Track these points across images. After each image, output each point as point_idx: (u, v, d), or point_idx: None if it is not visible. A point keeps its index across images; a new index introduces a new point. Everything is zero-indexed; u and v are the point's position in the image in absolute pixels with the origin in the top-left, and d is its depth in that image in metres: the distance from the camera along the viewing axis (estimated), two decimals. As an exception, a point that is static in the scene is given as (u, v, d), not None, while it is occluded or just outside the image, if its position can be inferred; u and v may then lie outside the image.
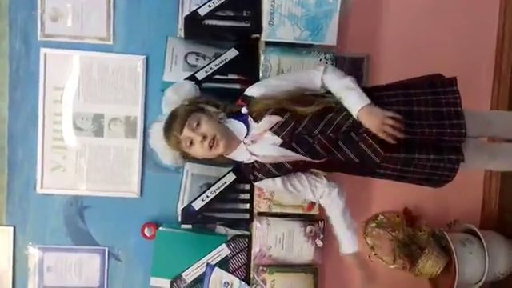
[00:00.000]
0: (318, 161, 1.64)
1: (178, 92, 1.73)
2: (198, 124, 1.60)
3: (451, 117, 1.64)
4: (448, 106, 1.65)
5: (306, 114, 1.62)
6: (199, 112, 1.65)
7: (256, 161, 1.67)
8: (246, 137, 1.66)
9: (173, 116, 1.65)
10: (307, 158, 1.63)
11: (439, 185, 1.74)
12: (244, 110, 1.69)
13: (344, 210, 1.73)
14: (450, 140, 1.65)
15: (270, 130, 1.62)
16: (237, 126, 1.67)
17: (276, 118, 1.63)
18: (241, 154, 1.69)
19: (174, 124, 1.63)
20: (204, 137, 1.59)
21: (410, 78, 1.76)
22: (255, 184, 1.74)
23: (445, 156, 1.64)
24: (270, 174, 1.68)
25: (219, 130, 1.62)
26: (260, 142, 1.65)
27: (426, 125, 1.63)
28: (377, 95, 1.68)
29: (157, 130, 1.72)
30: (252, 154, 1.66)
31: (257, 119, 1.65)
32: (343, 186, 1.76)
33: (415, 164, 1.65)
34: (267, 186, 1.78)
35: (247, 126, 1.66)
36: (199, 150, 1.62)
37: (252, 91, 1.72)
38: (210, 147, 1.60)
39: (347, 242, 1.74)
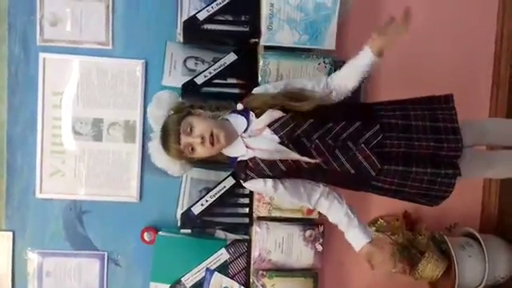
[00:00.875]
0: (312, 161, 1.63)
1: (159, 105, 1.72)
2: (191, 128, 1.60)
3: (448, 132, 1.67)
4: (445, 121, 1.68)
5: (301, 110, 1.63)
6: (187, 116, 1.65)
7: (250, 158, 1.66)
8: (245, 131, 1.66)
9: (164, 130, 1.65)
10: (301, 158, 1.63)
11: (436, 202, 1.74)
12: (239, 106, 1.69)
13: (347, 209, 1.68)
14: (447, 155, 1.66)
15: (269, 127, 1.63)
16: (237, 121, 1.67)
17: (278, 113, 1.63)
18: (236, 149, 1.67)
19: (168, 137, 1.63)
20: (202, 137, 1.59)
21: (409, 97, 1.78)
22: (245, 184, 1.70)
23: (442, 170, 1.65)
24: (262, 175, 1.66)
25: (214, 125, 1.62)
26: (258, 138, 1.65)
27: (423, 138, 1.65)
28: (376, 108, 1.71)
29: (154, 148, 1.71)
30: (248, 147, 1.65)
31: (258, 115, 1.65)
32: (341, 193, 1.74)
33: (413, 178, 1.65)
34: (256, 189, 1.76)
35: (248, 121, 1.66)
36: (202, 151, 1.61)
37: (256, 89, 1.76)
38: (212, 144, 1.59)
39: (362, 236, 1.66)
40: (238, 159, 1.68)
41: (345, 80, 1.71)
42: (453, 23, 2.35)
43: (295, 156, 1.62)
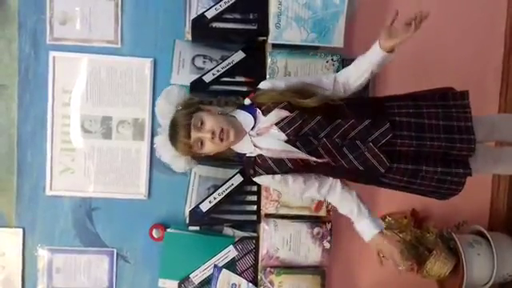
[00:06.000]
0: (320, 160, 1.63)
1: (168, 100, 1.72)
2: (202, 123, 1.61)
3: (461, 131, 1.64)
4: (459, 120, 1.65)
5: (308, 106, 1.62)
6: (198, 111, 1.65)
7: (258, 155, 1.66)
8: (252, 129, 1.66)
9: (174, 124, 1.66)
10: (310, 158, 1.63)
11: (445, 198, 1.74)
12: (247, 101, 1.70)
13: (358, 200, 1.69)
14: (459, 154, 1.65)
15: (276, 125, 1.63)
16: (244, 118, 1.67)
17: (285, 113, 1.63)
18: (244, 146, 1.68)
19: (178, 131, 1.63)
20: (212, 132, 1.60)
21: (422, 89, 1.75)
22: (254, 179, 1.72)
23: (452, 169, 1.64)
24: (270, 171, 1.67)
25: (224, 121, 1.63)
26: (265, 136, 1.65)
27: (435, 138, 1.62)
28: (387, 105, 1.68)
29: (161, 143, 1.72)
30: (255, 146, 1.66)
31: (265, 113, 1.65)
32: (351, 185, 1.74)
33: (422, 176, 1.65)
34: (265, 183, 1.78)
35: (255, 118, 1.66)
36: (211, 146, 1.62)
37: (263, 84, 1.74)
38: (221, 140, 1.60)
39: (373, 225, 1.67)
40: (247, 155, 1.69)
41: (353, 75, 1.69)
42: (462, 18, 2.34)
43: (303, 155, 1.63)
